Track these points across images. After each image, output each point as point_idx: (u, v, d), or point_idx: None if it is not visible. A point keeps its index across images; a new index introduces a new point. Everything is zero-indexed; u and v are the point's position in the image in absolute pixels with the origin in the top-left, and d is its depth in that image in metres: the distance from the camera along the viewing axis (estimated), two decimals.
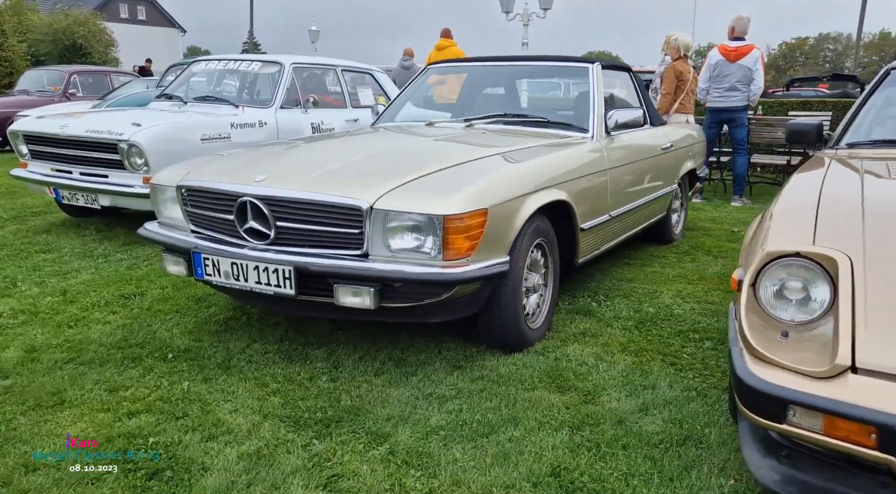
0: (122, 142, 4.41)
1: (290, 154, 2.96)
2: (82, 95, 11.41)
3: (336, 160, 2.75)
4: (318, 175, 2.58)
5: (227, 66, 5.78)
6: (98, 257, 4.34)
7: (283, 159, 2.87)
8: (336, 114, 5.94)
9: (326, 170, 2.62)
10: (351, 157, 2.77)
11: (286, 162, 2.81)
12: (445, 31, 9.98)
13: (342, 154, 2.88)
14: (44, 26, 25.59)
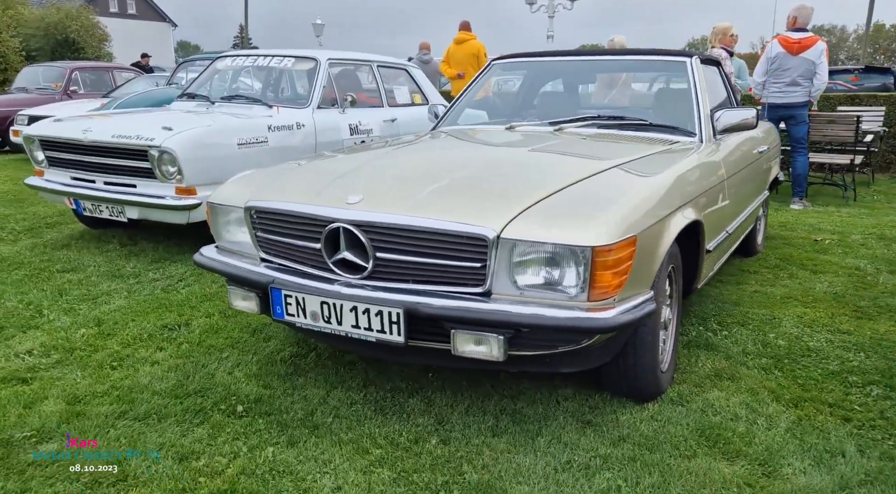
0: (153, 149, 3.96)
1: (377, 167, 2.52)
2: (84, 92, 10.91)
3: (436, 176, 2.32)
4: (426, 196, 2.15)
5: (255, 62, 5.33)
6: (128, 277, 3.90)
7: (373, 175, 2.43)
8: (373, 113, 5.50)
9: (432, 190, 2.19)
10: (452, 173, 2.35)
11: (379, 178, 2.38)
12: (465, 23, 9.54)
13: (438, 168, 2.45)
14: (35, 20, 24.92)
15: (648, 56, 3.47)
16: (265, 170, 2.77)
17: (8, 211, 5.52)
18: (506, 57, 3.96)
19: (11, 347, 2.90)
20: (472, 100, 3.88)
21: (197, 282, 3.82)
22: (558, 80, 4.14)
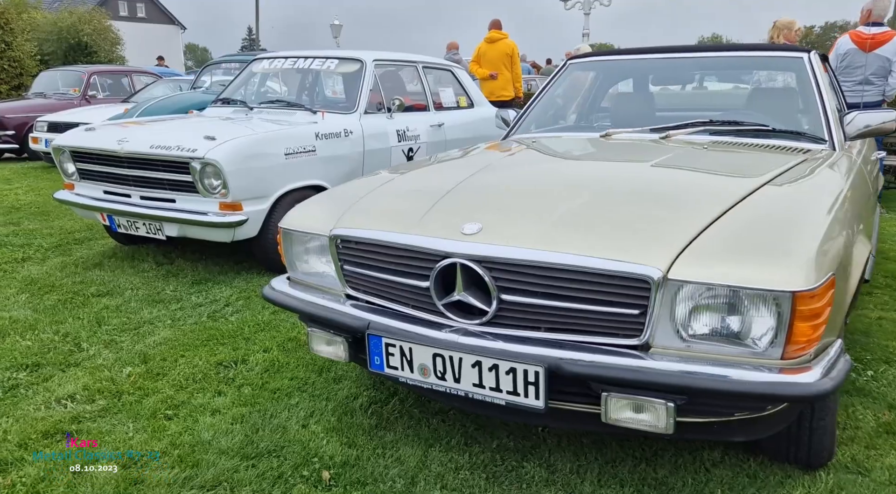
0: (196, 160, 3.61)
1: (481, 188, 2.14)
2: (102, 97, 10.61)
3: (558, 199, 1.94)
4: (557, 225, 1.77)
5: (295, 64, 4.97)
6: (169, 302, 3.54)
7: (482, 197, 2.05)
8: (420, 118, 5.13)
9: (562, 217, 1.81)
10: (575, 195, 1.96)
11: (491, 202, 1.99)
12: (496, 22, 9.16)
13: (555, 189, 2.06)
14: (48, 25, 24.76)
15: (759, 52, 3.08)
16: (344, 190, 2.40)
17: (33, 225, 5.19)
18: (584, 55, 3.58)
19: (51, 391, 2.55)
20: (546, 106, 3.51)
21: (246, 308, 3.46)
22: (636, 81, 3.76)
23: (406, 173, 2.47)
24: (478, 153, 2.83)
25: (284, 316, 3.32)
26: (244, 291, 3.72)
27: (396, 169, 2.67)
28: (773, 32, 6.16)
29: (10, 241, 4.66)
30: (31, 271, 4.03)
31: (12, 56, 14.73)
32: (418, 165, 2.62)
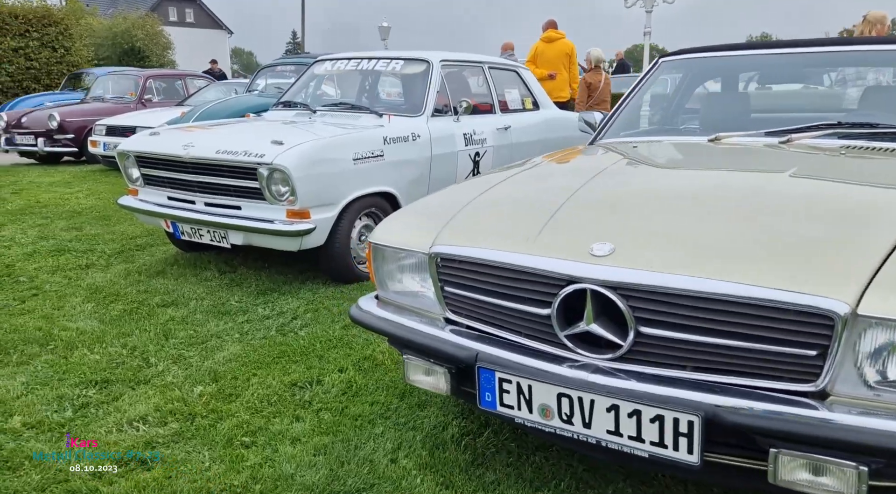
0: (263, 166, 3.46)
1: (598, 201, 1.90)
2: (157, 101, 10.70)
3: (692, 216, 1.69)
4: (703, 246, 1.53)
5: (359, 66, 4.80)
6: (236, 314, 3.40)
7: (602, 212, 1.81)
8: (486, 121, 4.91)
9: (704, 237, 1.57)
10: (712, 212, 1.71)
11: (616, 217, 1.76)
12: (552, 22, 8.91)
13: (686, 204, 1.82)
14: (103, 30, 25.45)
15: (883, 45, 2.76)
16: (437, 201, 2.19)
17: (95, 230, 5.15)
18: (679, 52, 3.30)
19: (122, 411, 2.41)
20: (636, 108, 3.25)
21: (315, 322, 3.29)
22: (734, 79, 3.47)
23: (502, 182, 2.25)
24: (576, 160, 2.60)
25: (356, 332, 3.14)
26: (311, 303, 3.55)
27: (488, 177, 2.45)
28: (865, 27, 5.74)
29: (73, 247, 4.61)
30: (95, 278, 3.95)
31: (71, 61, 15.07)
32: (511, 173, 2.39)
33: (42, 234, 4.98)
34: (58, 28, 14.81)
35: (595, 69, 7.54)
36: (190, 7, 51.54)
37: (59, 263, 4.25)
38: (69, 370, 2.74)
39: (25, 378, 2.66)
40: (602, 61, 7.64)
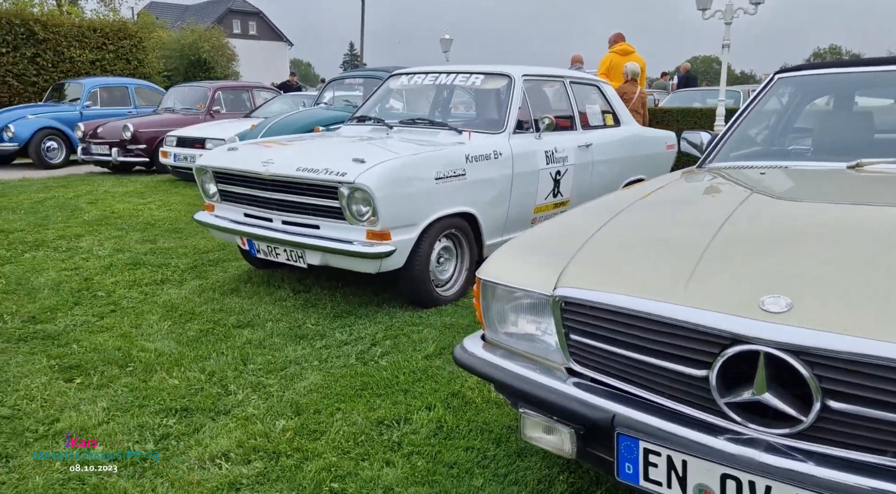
0: (344, 185, 3.33)
1: (756, 241, 1.66)
2: (225, 112, 10.87)
3: (866, 261, 1.45)
4: None
5: (437, 80, 4.66)
6: (313, 338, 3.27)
7: (769, 257, 1.57)
8: (567, 138, 4.69)
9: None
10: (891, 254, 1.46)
11: (788, 264, 1.52)
12: (620, 35, 8.67)
13: (867, 250, 1.56)
14: (172, 42, 26.31)
15: None
16: (552, 233, 1.99)
17: (168, 243, 5.14)
18: (797, 68, 3.02)
19: (204, 445, 2.28)
20: (751, 128, 2.98)
21: (396, 350, 3.13)
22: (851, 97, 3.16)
23: (621, 213, 2.03)
24: (698, 188, 2.36)
25: (440, 364, 2.96)
26: (390, 328, 3.40)
27: (600, 206, 2.23)
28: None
29: (148, 261, 4.60)
30: (170, 295, 3.90)
31: (143, 72, 15.54)
32: (626, 201, 2.17)
33: (118, 247, 5.01)
34: (132, 41, 15.32)
35: (631, 81, 7.57)
36: (253, 20, 53.08)
37: (135, 278, 4.23)
38: (149, 395, 2.64)
39: (106, 403, 2.57)
40: (637, 74, 7.67)
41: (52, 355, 3.02)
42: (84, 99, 11.34)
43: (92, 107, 11.44)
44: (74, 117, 11.03)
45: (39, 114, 10.89)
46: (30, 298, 3.80)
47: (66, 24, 14.03)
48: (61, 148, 10.96)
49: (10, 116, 10.65)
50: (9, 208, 6.56)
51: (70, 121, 10.91)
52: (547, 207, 4.52)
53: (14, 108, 11.30)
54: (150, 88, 12.76)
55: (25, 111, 11.02)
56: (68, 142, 10.95)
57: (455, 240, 3.88)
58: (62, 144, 10.95)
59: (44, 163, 10.57)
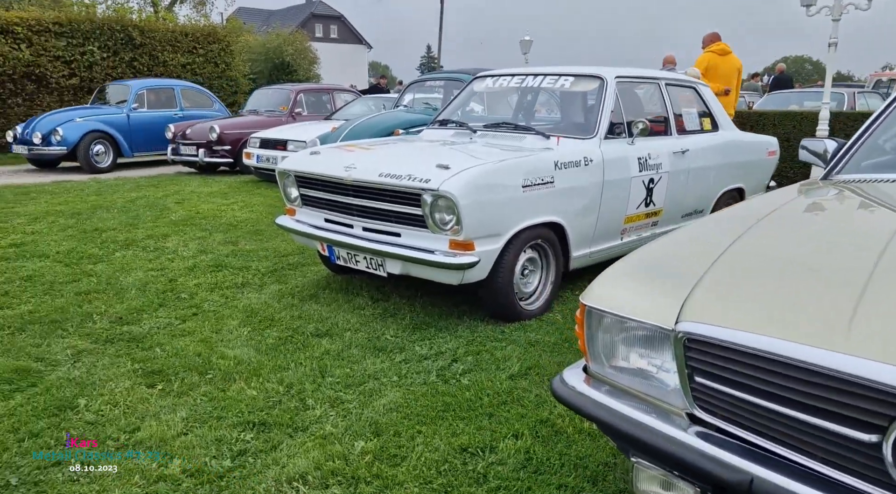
0: (427, 192, 3.19)
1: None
2: (307, 114, 11.05)
3: None
4: None
5: (523, 83, 4.47)
6: (392, 351, 3.15)
7: None
8: (661, 143, 4.40)
9: None
10: None
11: None
12: (717, 34, 8.17)
13: None
14: (258, 46, 27.21)
15: None
16: (664, 253, 1.77)
17: (250, 245, 5.18)
18: None
19: (281, 464, 2.19)
20: (878, 137, 2.64)
21: (478, 367, 2.97)
22: None
23: (746, 233, 1.78)
24: (836, 204, 2.07)
25: (526, 385, 2.78)
26: (471, 343, 3.23)
27: (717, 223, 1.99)
28: None
29: (230, 263, 4.63)
30: (250, 299, 3.88)
31: (230, 75, 16.07)
32: (748, 218, 1.91)
33: (202, 248, 5.08)
34: (220, 45, 15.85)
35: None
36: (334, 23, 54.41)
37: (217, 280, 4.24)
38: (227, 407, 2.58)
39: (185, 412, 2.53)
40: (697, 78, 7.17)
41: (136, 358, 3.03)
42: (131, 101, 11.01)
43: (139, 110, 11.14)
44: (121, 120, 10.84)
45: (87, 117, 10.56)
46: (118, 298, 3.87)
47: (161, 30, 14.66)
48: (108, 151, 10.61)
49: (58, 119, 10.37)
50: (104, 207, 6.83)
51: (117, 124, 10.74)
52: (638, 217, 4.25)
53: (60, 111, 11.03)
54: (196, 90, 12.39)
55: (73, 114, 10.71)
56: (115, 146, 10.69)
57: (541, 251, 3.68)
58: (109, 148, 10.61)
59: (92, 167, 10.27)
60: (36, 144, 10.05)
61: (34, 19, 12.81)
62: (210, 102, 12.35)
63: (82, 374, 2.86)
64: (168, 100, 11.63)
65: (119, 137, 10.71)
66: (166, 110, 11.49)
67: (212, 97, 12.49)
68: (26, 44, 12.58)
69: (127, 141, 10.82)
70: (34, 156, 10.41)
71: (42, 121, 10.35)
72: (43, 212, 6.52)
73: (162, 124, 10.99)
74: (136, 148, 11.02)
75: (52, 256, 4.77)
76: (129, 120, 10.97)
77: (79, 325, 3.43)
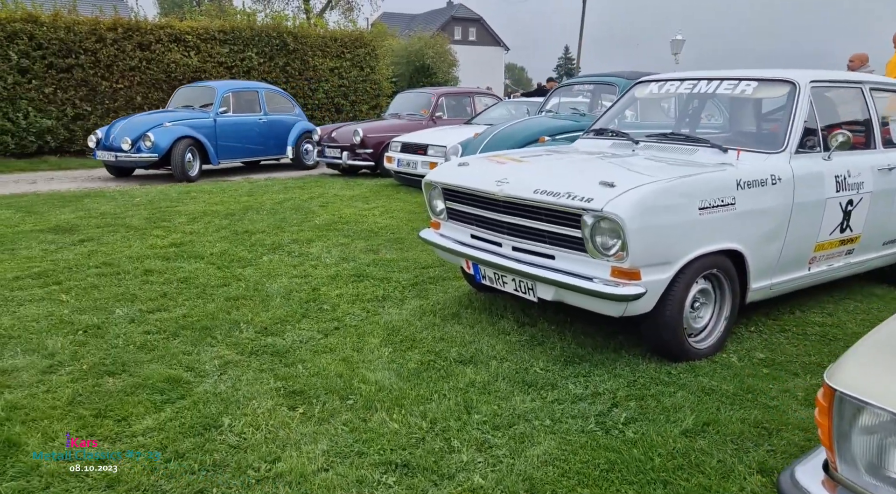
0: (589, 213, 2.85)
1: None
2: (447, 118, 11.00)
3: None
4: None
5: (695, 88, 3.98)
6: (542, 388, 2.85)
7: None
8: (864, 158, 3.75)
9: None
10: None
11: None
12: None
13: None
14: (400, 49, 27.92)
15: None
16: None
17: (391, 254, 5.09)
18: None
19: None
20: None
21: (643, 416, 2.59)
22: None
23: None
24: None
25: (705, 446, 2.37)
26: (633, 385, 2.86)
27: None
28: None
29: (372, 273, 4.55)
30: (391, 315, 3.74)
31: (374, 79, 16.50)
32: None
33: (344, 255, 5.06)
34: (366, 49, 16.32)
35: None
36: (473, 26, 54.88)
37: (358, 292, 4.16)
38: (369, 440, 2.41)
39: (326, 445, 2.38)
40: None
41: (278, 375, 2.96)
42: (218, 104, 10.22)
43: (226, 114, 10.35)
44: (208, 125, 10.06)
45: (176, 122, 9.77)
46: (263, 305, 3.88)
47: (312, 35, 15.33)
48: (195, 158, 9.77)
49: (144, 123, 9.65)
50: (254, 208, 7.10)
51: (204, 129, 9.95)
52: (831, 244, 3.64)
53: (148, 113, 10.45)
54: (278, 92, 11.66)
55: (159, 117, 9.93)
56: (203, 153, 9.88)
57: (715, 281, 3.22)
58: (196, 154, 9.78)
59: (186, 175, 9.53)
60: (124, 150, 9.33)
61: (203, 28, 13.84)
62: (291, 106, 11.72)
63: (228, 389, 2.82)
64: (250, 103, 10.88)
65: (207, 144, 9.92)
66: (251, 114, 10.81)
67: (292, 100, 11.88)
68: (195, 51, 13.62)
69: (214, 147, 10.10)
70: (122, 163, 9.63)
71: (126, 125, 9.67)
72: (201, 211, 6.88)
73: (247, 130, 10.52)
74: (221, 155, 10.29)
75: (206, 257, 4.95)
76: (215, 125, 10.21)
77: (226, 333, 3.45)
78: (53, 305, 3.85)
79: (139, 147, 9.33)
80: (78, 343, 3.30)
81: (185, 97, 10.96)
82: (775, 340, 3.42)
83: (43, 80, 11.93)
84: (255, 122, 10.87)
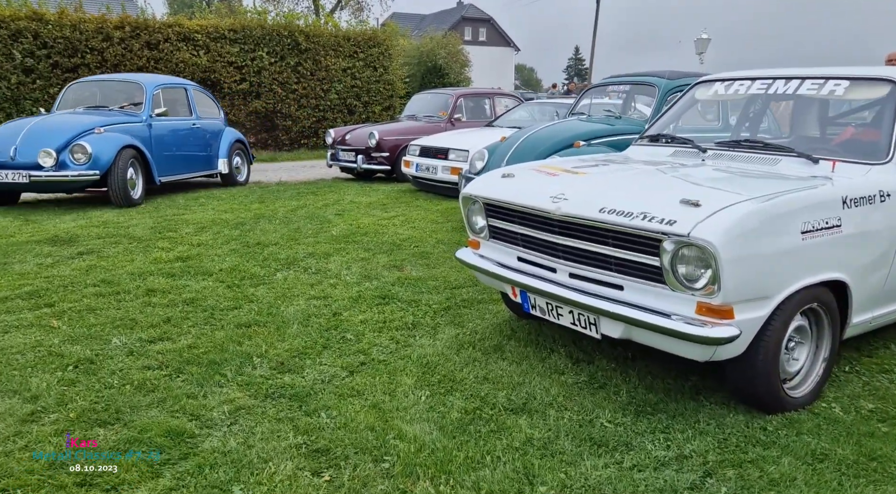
0: (672, 238, 2.37)
1: None
2: (466, 120, 10.53)
3: None
4: None
5: (769, 88, 3.49)
6: (616, 448, 2.37)
7: None
8: None
9: None
10: None
11: None
12: None
13: None
14: (412, 50, 27.48)
15: None
16: None
17: (417, 272, 4.62)
18: None
19: None
20: None
21: (742, 487, 2.10)
22: None
23: None
24: None
25: None
26: (724, 446, 2.38)
27: None
28: None
29: (398, 294, 4.08)
30: (424, 348, 3.27)
31: (387, 79, 16.05)
32: None
33: (365, 272, 4.59)
34: (380, 49, 15.87)
35: None
36: (483, 26, 54.46)
37: (385, 317, 3.69)
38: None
39: None
40: None
41: (299, 427, 2.49)
42: (149, 104, 7.77)
43: (160, 117, 7.92)
44: (143, 131, 7.59)
45: (110, 127, 7.19)
46: (279, 334, 3.42)
47: (325, 35, 14.89)
48: (138, 174, 7.28)
49: (64, 128, 6.94)
50: (266, 216, 6.66)
51: (140, 138, 7.43)
52: None
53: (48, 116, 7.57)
54: (203, 92, 9.32)
55: (84, 120, 7.21)
56: (146, 167, 7.40)
57: (812, 317, 2.73)
58: (138, 169, 7.28)
59: (128, 198, 7.08)
60: (45, 167, 6.61)
61: (212, 27, 13.43)
62: (217, 110, 9.44)
63: (239, 445, 2.36)
64: (179, 104, 8.52)
65: (149, 156, 7.47)
66: (184, 118, 8.51)
67: (216, 102, 9.61)
68: (204, 50, 13.21)
69: (153, 160, 7.58)
70: (42, 185, 6.80)
71: (33, 133, 6.84)
72: (210, 220, 6.44)
73: (183, 138, 8.17)
74: (160, 170, 7.77)
75: (214, 274, 4.50)
76: (150, 131, 7.72)
77: (237, 370, 2.99)
78: (43, 333, 3.41)
79: (65, 161, 6.68)
80: (67, 381, 2.86)
81: (80, 95, 8.10)
82: (879, 384, 2.92)
83: (48, 79, 11.55)
84: (190, 129, 8.43)
